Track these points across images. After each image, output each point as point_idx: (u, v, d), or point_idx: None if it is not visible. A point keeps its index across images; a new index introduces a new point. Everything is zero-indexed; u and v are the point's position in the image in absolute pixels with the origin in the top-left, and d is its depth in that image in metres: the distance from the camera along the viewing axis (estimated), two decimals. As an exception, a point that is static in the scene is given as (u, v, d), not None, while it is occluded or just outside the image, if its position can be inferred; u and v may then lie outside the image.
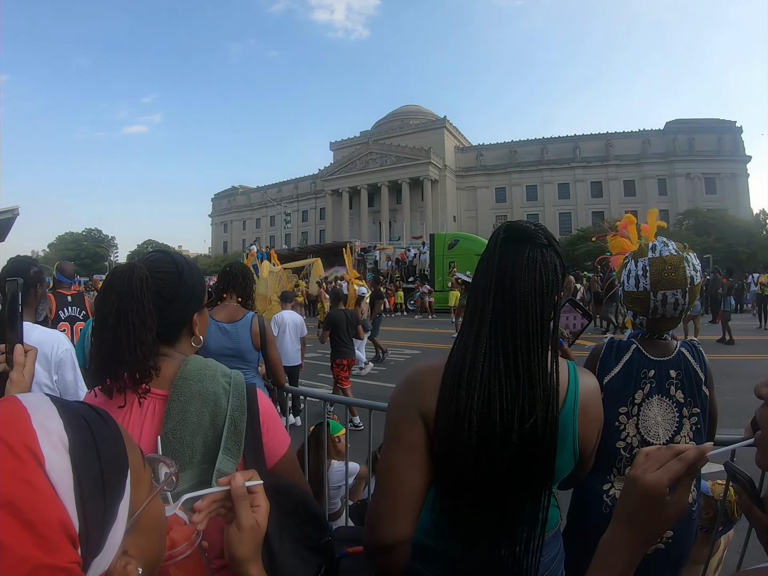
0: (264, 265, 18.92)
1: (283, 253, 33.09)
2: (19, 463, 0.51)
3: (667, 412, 2.00)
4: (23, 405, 0.58)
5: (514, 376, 1.19)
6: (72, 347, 2.78)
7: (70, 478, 0.54)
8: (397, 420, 1.29)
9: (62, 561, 0.50)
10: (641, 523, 0.89)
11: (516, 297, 1.21)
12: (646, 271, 2.02)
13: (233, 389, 1.31)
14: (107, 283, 1.25)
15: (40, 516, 0.49)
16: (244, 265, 3.92)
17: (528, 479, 1.19)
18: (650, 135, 62.36)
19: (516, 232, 1.27)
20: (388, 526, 1.20)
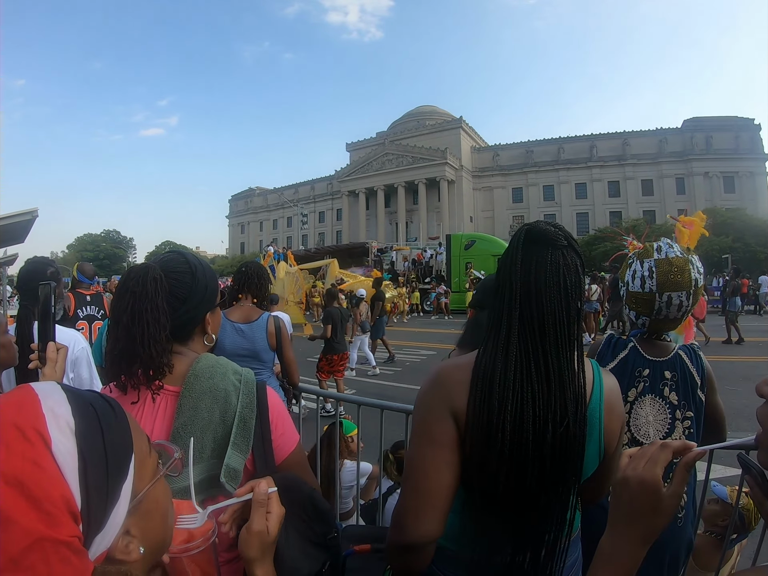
0: (281, 266, 19.05)
1: (299, 253, 33.20)
2: (29, 445, 0.55)
3: (659, 412, 2.00)
4: (35, 392, 0.62)
5: (546, 382, 1.19)
6: (88, 346, 2.84)
7: (75, 459, 0.58)
8: (426, 416, 1.26)
9: (63, 535, 0.53)
10: (642, 520, 0.89)
11: (543, 302, 1.20)
12: (652, 273, 2.01)
13: (243, 387, 1.33)
14: (122, 282, 1.28)
15: (45, 493, 0.53)
16: (260, 265, 3.91)
17: (559, 481, 1.19)
18: (667, 133, 61.54)
19: (536, 235, 1.26)
20: (416, 525, 1.17)
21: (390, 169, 68.50)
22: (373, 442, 3.23)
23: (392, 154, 68.71)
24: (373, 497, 3.76)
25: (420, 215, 64.98)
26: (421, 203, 65.88)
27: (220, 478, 1.20)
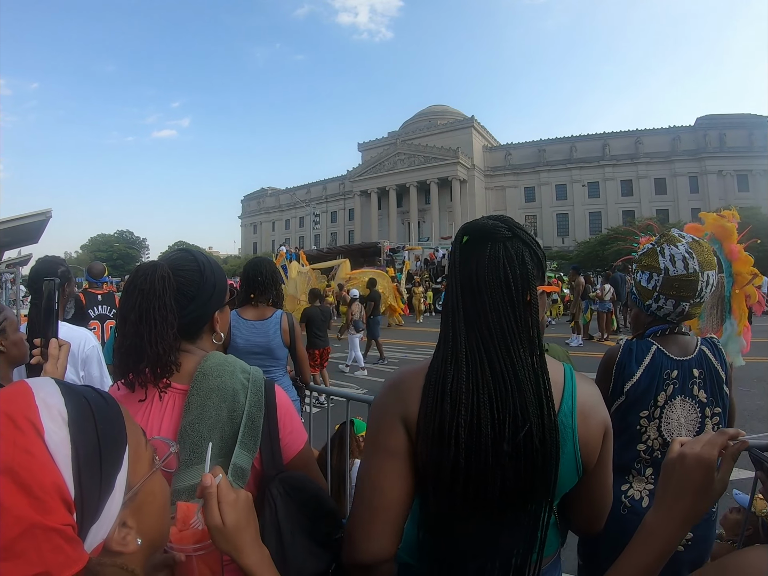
0: (293, 265, 19.09)
1: (312, 253, 33.20)
2: (20, 433, 0.55)
3: (690, 413, 1.95)
4: (29, 385, 0.62)
5: (502, 381, 1.11)
6: (98, 344, 2.86)
7: (68, 448, 0.58)
8: (378, 424, 1.20)
9: (55, 522, 0.53)
10: (690, 498, 0.91)
11: (484, 299, 1.15)
12: (691, 254, 1.96)
13: (251, 385, 1.33)
14: (130, 280, 1.29)
15: (36, 480, 0.53)
16: (273, 269, 3.86)
17: (526, 493, 1.10)
18: (680, 131, 61.12)
19: (474, 231, 1.21)
20: (368, 543, 1.10)
21: (402, 168, 68.64)
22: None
23: (404, 153, 68.84)
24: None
25: (432, 215, 64.97)
26: (433, 203, 65.88)
27: (227, 477, 1.20)
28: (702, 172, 58.07)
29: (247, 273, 3.76)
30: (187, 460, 1.20)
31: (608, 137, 64.47)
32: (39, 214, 11.36)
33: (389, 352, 14.08)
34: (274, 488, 1.22)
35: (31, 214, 11.30)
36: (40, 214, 11.38)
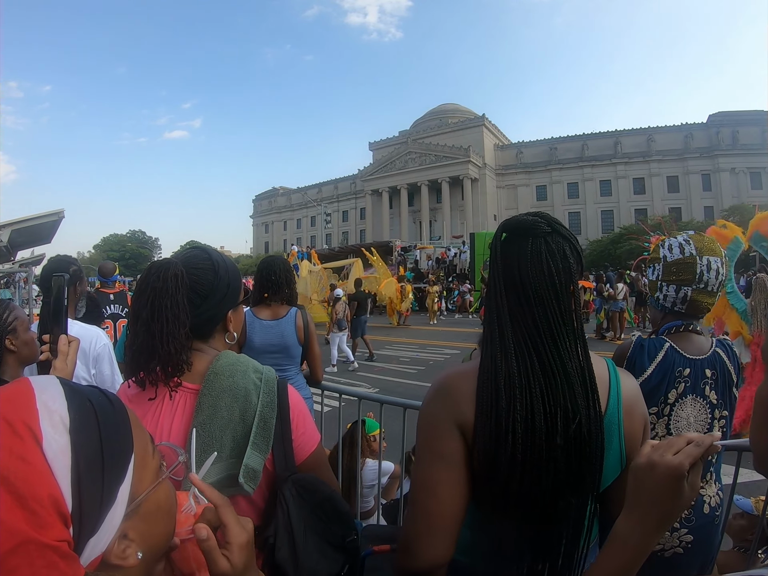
0: (304, 264, 19.16)
1: (323, 252, 33.31)
2: (17, 440, 0.52)
3: (700, 412, 1.93)
4: (31, 386, 0.59)
5: (551, 374, 1.13)
6: (110, 343, 2.87)
7: (68, 457, 0.55)
8: (432, 432, 1.18)
9: (50, 538, 0.50)
10: (662, 506, 0.90)
11: (529, 294, 1.15)
12: (688, 241, 2.02)
13: (264, 385, 1.31)
14: (143, 278, 1.27)
15: (32, 492, 0.50)
16: (287, 267, 3.85)
17: (575, 485, 1.12)
18: (693, 129, 60.14)
19: (514, 228, 1.21)
20: (427, 550, 1.10)
21: (413, 167, 68.51)
22: (395, 441, 3.22)
23: (415, 152, 68.71)
24: (395, 497, 3.75)
25: (443, 214, 64.83)
26: (444, 202, 65.71)
27: (239, 478, 1.18)
28: (715, 170, 57.24)
29: (260, 272, 3.75)
30: (198, 462, 1.19)
31: (620, 135, 63.83)
32: (52, 214, 11.43)
33: (400, 351, 14.12)
34: (287, 490, 1.21)
35: (43, 215, 11.37)
36: (53, 215, 11.45)
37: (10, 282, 20.42)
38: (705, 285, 1.96)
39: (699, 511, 1.86)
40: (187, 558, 0.91)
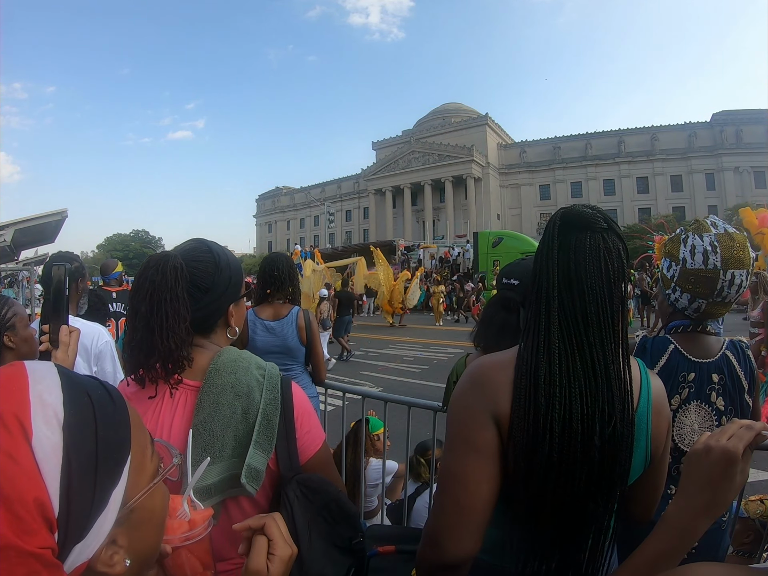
0: (307, 263, 19.12)
1: (327, 252, 33.35)
2: (5, 434, 0.48)
3: (705, 420, 1.83)
4: (26, 372, 0.55)
5: (593, 375, 1.10)
6: (112, 340, 2.85)
7: (59, 457, 0.51)
8: (467, 422, 1.14)
9: (32, 545, 0.46)
10: (713, 491, 0.91)
11: (584, 289, 1.11)
12: (715, 248, 1.79)
13: (267, 382, 1.28)
14: (141, 271, 1.24)
15: (17, 493, 0.46)
16: (290, 264, 3.82)
17: (607, 486, 1.11)
18: (696, 128, 59.83)
19: (573, 218, 1.16)
20: (454, 544, 1.07)
21: (416, 167, 68.47)
22: (399, 440, 3.19)
23: (418, 152, 68.66)
24: (400, 497, 3.72)
25: (447, 213, 64.80)
26: (447, 201, 65.70)
27: (241, 479, 1.15)
28: (718, 169, 57.00)
29: (263, 269, 3.72)
30: (199, 461, 1.15)
31: (623, 134, 63.65)
32: (55, 214, 11.44)
33: (404, 350, 14.10)
34: (291, 491, 1.17)
35: (47, 214, 11.38)
36: (56, 214, 11.46)
37: (13, 281, 20.47)
38: (723, 299, 1.82)
39: None
40: (181, 565, 0.90)
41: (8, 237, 10.70)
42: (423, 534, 1.15)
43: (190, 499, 0.93)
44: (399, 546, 1.39)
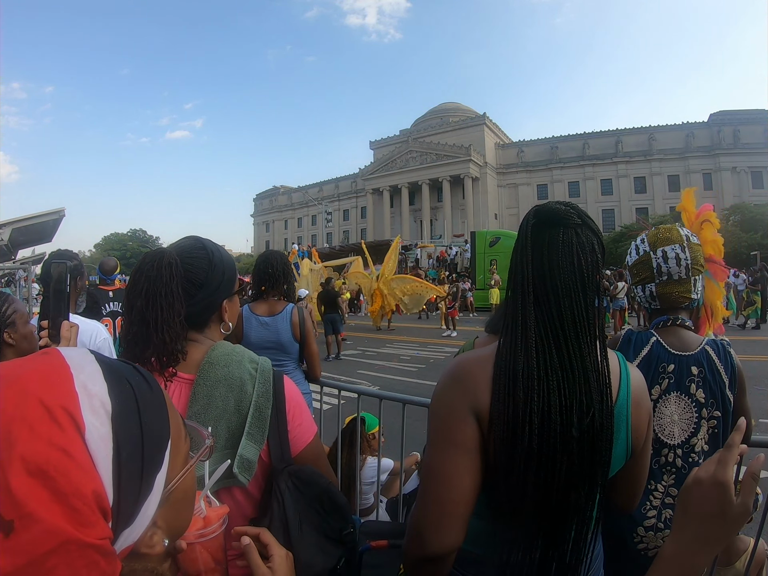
0: (305, 263, 19.16)
1: (324, 251, 33.40)
2: (57, 428, 0.48)
3: (685, 411, 1.88)
4: (66, 362, 0.54)
5: (570, 368, 1.12)
6: (109, 337, 2.87)
7: (109, 447, 0.51)
8: (446, 418, 1.16)
9: (93, 537, 0.47)
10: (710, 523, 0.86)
11: (557, 284, 1.13)
12: (643, 240, 2.08)
13: (259, 375, 1.30)
14: (137, 267, 1.27)
15: (73, 487, 0.46)
16: (285, 261, 3.84)
17: (588, 477, 1.12)
18: (694, 128, 60.00)
19: (546, 215, 1.18)
20: (438, 537, 1.08)
21: (414, 166, 68.50)
22: (394, 438, 3.21)
23: (416, 151, 68.68)
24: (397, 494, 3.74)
25: (444, 212, 64.84)
26: (445, 200, 65.71)
27: (233, 468, 1.17)
28: (716, 169, 57.16)
29: (258, 266, 3.76)
30: None
31: (621, 134, 63.75)
32: (53, 213, 11.41)
33: (401, 349, 14.09)
34: (282, 482, 1.19)
35: (44, 213, 11.35)
36: (54, 213, 11.43)
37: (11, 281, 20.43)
38: (668, 276, 1.96)
39: None
40: (195, 560, 0.91)
41: (5, 236, 10.67)
42: (407, 527, 1.17)
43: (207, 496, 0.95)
44: (392, 540, 1.41)
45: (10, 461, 0.45)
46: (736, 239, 34.13)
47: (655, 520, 1.83)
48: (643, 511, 1.85)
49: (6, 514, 0.43)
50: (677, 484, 1.85)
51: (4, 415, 0.47)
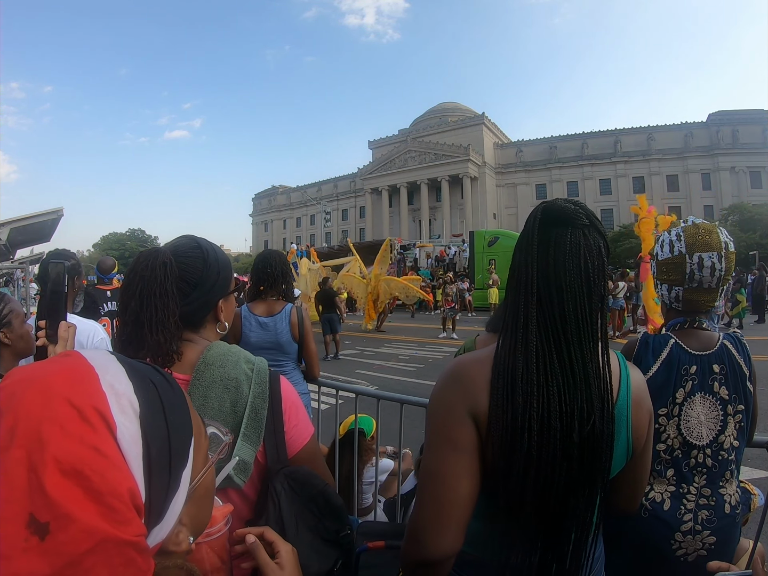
0: (303, 262, 19.16)
1: (322, 251, 33.37)
2: (88, 428, 0.48)
3: (710, 410, 1.84)
4: (89, 362, 0.54)
5: (571, 374, 1.10)
6: (107, 337, 2.85)
7: (139, 446, 0.52)
8: (444, 419, 1.13)
9: (129, 534, 0.47)
10: None
11: (562, 286, 1.10)
12: (680, 237, 1.92)
13: (255, 376, 1.29)
14: (131, 267, 1.25)
15: (110, 486, 0.47)
16: (284, 261, 3.83)
17: (588, 480, 1.11)
18: (693, 128, 60.04)
19: (554, 213, 1.15)
20: (437, 540, 1.06)
21: (413, 166, 68.56)
22: (392, 437, 3.20)
23: (415, 151, 68.74)
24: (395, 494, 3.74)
25: (443, 212, 64.91)
26: (444, 200, 65.79)
27: (229, 471, 1.16)
28: (714, 169, 57.20)
29: (256, 265, 3.74)
30: None
31: (620, 133, 63.83)
32: (51, 212, 11.41)
33: (399, 349, 14.09)
34: (278, 483, 1.18)
35: (43, 213, 11.34)
36: (52, 213, 11.43)
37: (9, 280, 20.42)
38: (698, 284, 1.89)
39: (720, 511, 1.80)
40: (201, 560, 0.91)
41: (4, 236, 10.67)
42: (406, 530, 1.15)
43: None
44: (389, 541, 1.40)
45: (43, 463, 0.45)
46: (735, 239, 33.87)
47: (692, 523, 1.80)
48: (679, 516, 1.81)
49: (41, 516, 0.43)
50: (709, 484, 1.83)
51: (32, 416, 0.47)
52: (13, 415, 0.47)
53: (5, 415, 0.47)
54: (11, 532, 0.43)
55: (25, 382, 0.50)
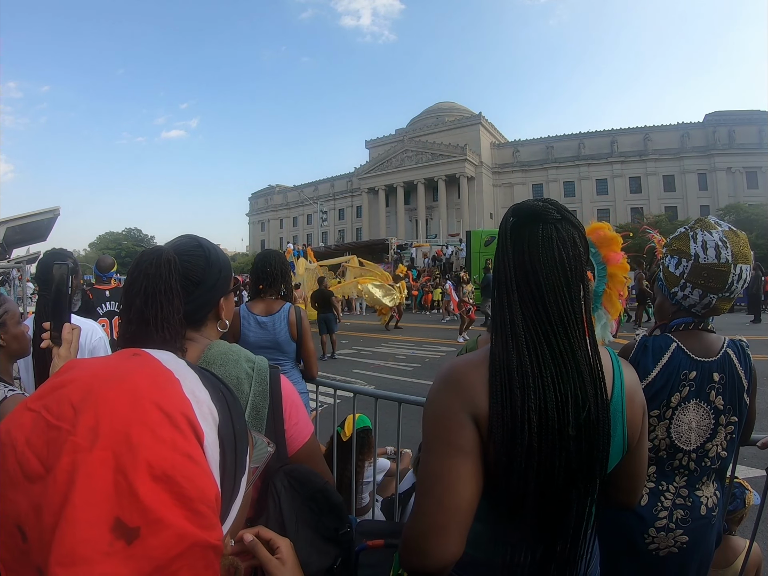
0: (300, 262, 19.15)
1: (319, 250, 33.35)
2: (179, 434, 0.48)
3: (703, 418, 1.83)
4: (165, 366, 0.55)
5: (562, 363, 1.12)
6: (105, 336, 2.86)
7: (217, 453, 0.52)
8: (444, 423, 1.13)
9: (214, 538, 0.48)
10: None
11: (539, 280, 1.13)
12: (725, 243, 1.81)
13: (256, 374, 1.30)
14: (135, 265, 1.24)
15: (200, 492, 0.47)
16: (283, 260, 3.83)
17: (587, 470, 1.12)
18: (689, 128, 60.05)
19: (524, 212, 1.18)
20: (440, 547, 1.04)
21: (409, 165, 68.43)
22: (390, 437, 3.20)
23: (412, 150, 68.62)
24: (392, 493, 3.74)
25: (440, 212, 64.85)
26: (441, 200, 65.70)
27: None
28: (711, 169, 57.28)
29: (256, 265, 3.75)
30: None
31: (616, 134, 63.80)
32: (47, 211, 11.33)
33: (396, 348, 14.08)
34: (278, 481, 1.19)
35: (39, 212, 11.25)
36: (49, 212, 11.35)
37: (5, 280, 20.34)
38: (731, 293, 1.83)
39: (696, 512, 1.81)
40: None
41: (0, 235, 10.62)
42: (403, 540, 1.12)
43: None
44: (388, 540, 1.40)
45: (134, 467, 0.44)
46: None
47: (667, 520, 1.81)
48: (654, 512, 1.82)
49: (131, 521, 0.43)
50: (688, 485, 1.84)
51: (120, 417, 0.47)
52: (93, 413, 0.47)
53: (83, 411, 0.47)
54: (95, 536, 0.42)
55: (106, 379, 0.50)
